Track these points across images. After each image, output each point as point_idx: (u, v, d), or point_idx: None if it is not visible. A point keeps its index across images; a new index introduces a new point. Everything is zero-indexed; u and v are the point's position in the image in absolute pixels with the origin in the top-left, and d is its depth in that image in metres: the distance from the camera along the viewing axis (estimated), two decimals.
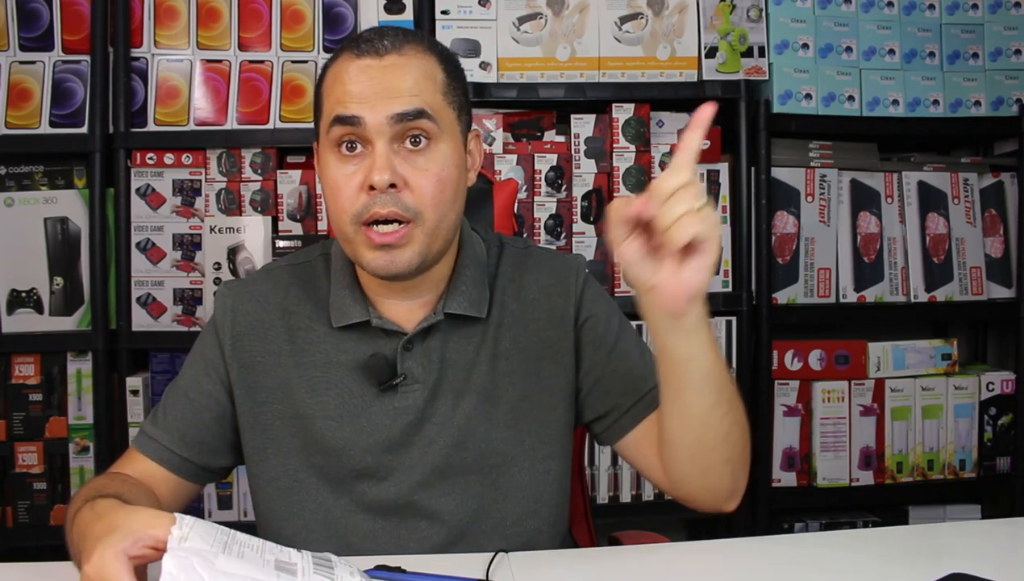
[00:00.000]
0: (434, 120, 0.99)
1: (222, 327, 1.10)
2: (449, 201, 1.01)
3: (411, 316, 1.07)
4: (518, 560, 0.95)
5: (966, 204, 2.17)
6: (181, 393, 1.10)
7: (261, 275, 1.14)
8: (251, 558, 0.76)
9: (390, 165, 0.97)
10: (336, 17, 2.00)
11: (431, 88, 1.00)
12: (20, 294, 1.97)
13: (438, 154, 1.00)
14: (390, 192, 0.97)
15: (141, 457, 1.08)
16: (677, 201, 0.82)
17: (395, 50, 1.00)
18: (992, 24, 2.14)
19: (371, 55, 1.00)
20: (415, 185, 0.98)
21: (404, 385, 1.05)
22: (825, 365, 2.10)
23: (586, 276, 1.13)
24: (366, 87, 0.98)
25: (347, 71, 1.00)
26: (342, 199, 0.99)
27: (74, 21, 1.96)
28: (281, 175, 1.98)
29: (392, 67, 0.99)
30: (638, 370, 1.09)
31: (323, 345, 1.08)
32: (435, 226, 1.00)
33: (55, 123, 1.95)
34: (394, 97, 0.98)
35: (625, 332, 1.12)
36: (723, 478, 1.02)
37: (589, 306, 1.11)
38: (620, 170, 2.02)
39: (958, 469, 2.14)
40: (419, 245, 0.99)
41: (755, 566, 0.97)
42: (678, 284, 0.86)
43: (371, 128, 0.97)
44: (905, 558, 0.97)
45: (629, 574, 0.93)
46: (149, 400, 1.98)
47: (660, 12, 2.02)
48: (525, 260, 1.13)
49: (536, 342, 1.09)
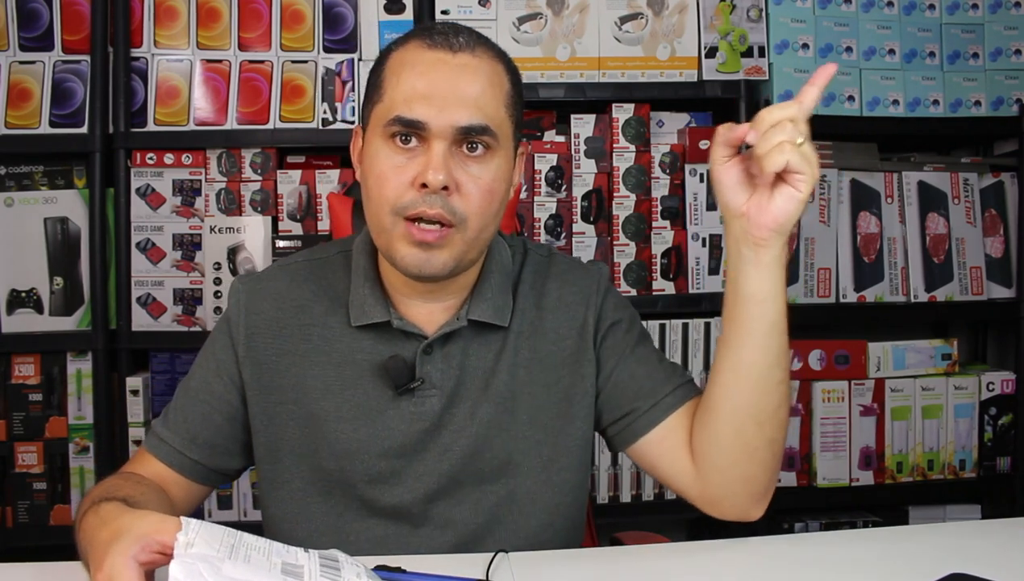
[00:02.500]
0: (495, 135, 0.98)
1: (236, 325, 1.07)
2: (493, 213, 1.00)
3: (433, 319, 1.05)
4: (518, 560, 0.95)
5: (966, 204, 2.17)
6: (192, 394, 1.08)
7: (276, 270, 1.11)
8: (257, 562, 0.76)
9: (447, 167, 0.95)
10: (336, 17, 2.00)
11: (497, 99, 0.99)
12: (20, 294, 1.97)
13: (492, 165, 0.98)
14: (441, 193, 0.95)
15: (152, 458, 1.07)
16: (778, 130, 0.87)
17: (468, 49, 0.99)
18: (992, 24, 2.14)
19: (445, 49, 0.98)
20: (466, 191, 0.97)
21: (421, 390, 1.03)
22: (825, 365, 2.10)
23: (608, 285, 1.12)
24: (436, 84, 0.96)
25: (418, 62, 0.98)
26: (388, 189, 0.97)
27: (74, 21, 1.96)
28: (281, 175, 1.98)
29: (464, 68, 0.97)
30: (657, 374, 1.08)
31: (339, 344, 1.05)
32: (476, 235, 0.98)
33: (55, 123, 1.95)
34: (462, 104, 0.96)
35: (645, 339, 1.12)
36: (764, 466, 1.01)
37: (609, 314, 1.10)
38: (620, 170, 2.02)
39: (958, 469, 2.14)
40: (456, 250, 0.97)
41: (755, 566, 0.97)
42: (767, 212, 0.91)
43: (434, 131, 0.96)
44: (905, 558, 0.97)
45: (629, 574, 0.93)
46: (149, 400, 1.98)
47: (660, 12, 2.02)
48: (548, 268, 1.12)
49: (555, 351, 1.08)
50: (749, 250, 0.94)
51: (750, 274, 0.95)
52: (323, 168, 2.00)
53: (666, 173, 2.04)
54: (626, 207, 2.02)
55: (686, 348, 2.03)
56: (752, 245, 0.94)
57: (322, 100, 1.97)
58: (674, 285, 2.03)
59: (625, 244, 2.02)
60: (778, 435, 1.00)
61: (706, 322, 2.03)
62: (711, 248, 2.05)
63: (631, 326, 1.11)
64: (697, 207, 2.05)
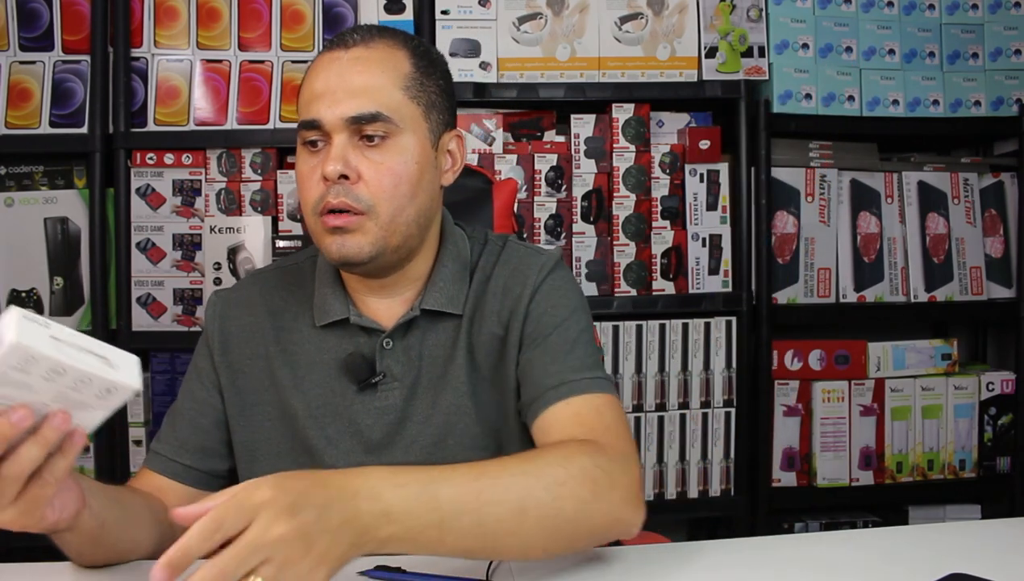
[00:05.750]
0: (390, 120, 1.00)
1: (211, 334, 1.12)
2: (405, 195, 1.01)
3: (391, 314, 1.08)
4: (518, 560, 0.95)
5: (966, 204, 2.17)
6: (179, 407, 1.12)
7: (249, 280, 1.16)
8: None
9: (343, 157, 0.99)
10: (336, 17, 2.00)
11: (391, 83, 1.01)
12: (20, 294, 1.97)
13: (395, 149, 1.01)
14: (343, 183, 0.99)
15: (149, 473, 1.09)
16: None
17: (363, 43, 1.03)
18: (992, 24, 2.14)
19: (339, 48, 1.03)
20: (368, 178, 1.00)
21: (383, 383, 1.05)
22: (825, 365, 2.10)
23: (551, 269, 1.09)
24: (328, 82, 1.01)
25: (316, 66, 1.04)
26: (305, 191, 1.03)
27: (74, 21, 1.96)
28: (281, 175, 1.98)
29: (355, 60, 1.01)
30: (551, 366, 1.03)
31: (306, 344, 1.09)
32: (390, 219, 1.01)
33: (55, 123, 1.95)
34: (351, 95, 1.00)
35: (565, 327, 1.05)
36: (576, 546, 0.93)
37: (540, 299, 1.07)
38: (620, 170, 2.02)
39: (958, 469, 2.14)
40: (372, 236, 1.00)
41: (755, 566, 0.97)
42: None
43: (329, 126, 1.00)
44: (905, 558, 0.97)
45: (629, 574, 0.93)
46: (149, 400, 1.98)
47: (660, 12, 2.02)
48: (500, 254, 1.12)
49: (496, 335, 1.07)
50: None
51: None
52: None
53: (666, 173, 2.04)
54: (626, 207, 2.02)
55: (686, 348, 2.03)
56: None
57: None
58: (674, 285, 2.03)
59: (625, 244, 2.02)
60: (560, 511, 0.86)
61: (706, 322, 2.03)
62: (711, 248, 2.05)
63: (555, 312, 1.06)
64: (697, 207, 2.05)
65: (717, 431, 2.04)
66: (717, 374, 2.04)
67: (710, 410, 2.04)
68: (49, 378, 0.71)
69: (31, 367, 0.70)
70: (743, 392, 2.04)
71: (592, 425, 0.98)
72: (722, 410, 2.04)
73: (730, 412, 2.04)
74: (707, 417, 2.04)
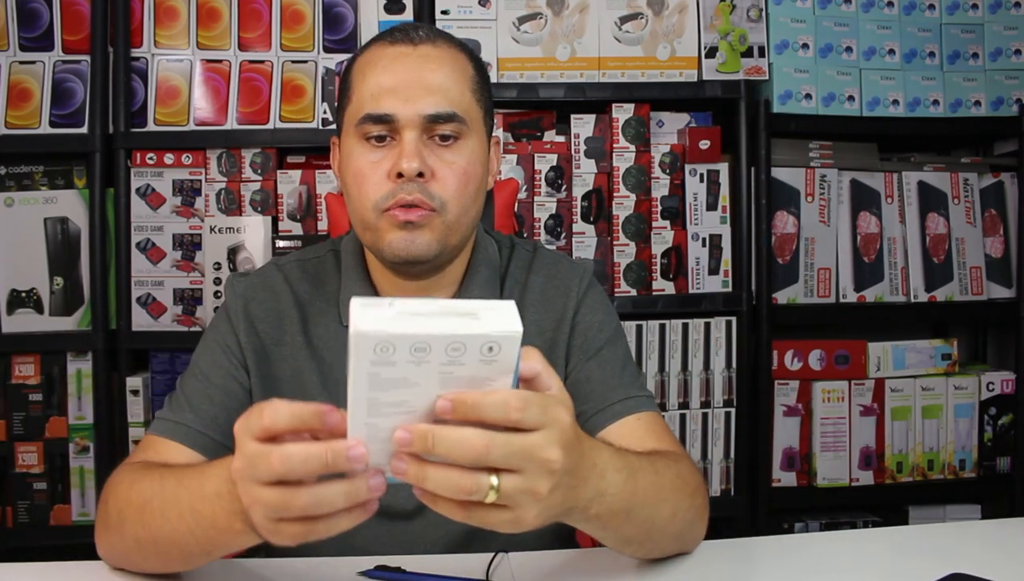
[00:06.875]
0: (463, 121, 1.00)
1: (235, 313, 1.07)
2: (471, 196, 1.02)
3: None
4: (518, 560, 0.95)
5: (966, 204, 2.17)
6: (202, 378, 1.05)
7: (270, 268, 1.12)
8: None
9: (419, 154, 0.97)
10: (336, 17, 2.00)
11: (462, 84, 1.01)
12: (20, 294, 1.97)
13: (465, 150, 1.01)
14: (417, 181, 0.97)
15: (168, 443, 1.00)
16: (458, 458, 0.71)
17: (429, 40, 1.01)
18: (992, 24, 2.14)
19: (406, 43, 1.01)
20: (441, 176, 0.99)
21: None
22: (825, 365, 2.10)
23: (590, 281, 1.12)
24: (400, 77, 0.98)
25: (381, 59, 1.00)
26: (368, 187, 0.99)
27: (74, 21, 1.96)
28: (281, 175, 1.98)
29: (427, 58, 1.00)
30: (612, 380, 1.06)
31: (332, 342, 1.06)
32: (456, 219, 1.00)
33: (55, 123, 1.95)
34: (428, 92, 0.98)
35: (615, 342, 1.10)
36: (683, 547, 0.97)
37: (585, 312, 1.09)
38: (620, 170, 2.02)
39: (958, 469, 2.14)
40: (439, 232, 0.99)
41: (755, 566, 0.97)
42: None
43: (403, 122, 0.98)
44: (905, 558, 0.97)
45: (630, 574, 0.93)
46: (149, 400, 1.98)
47: (660, 12, 2.02)
48: (533, 262, 1.13)
49: (536, 345, 1.07)
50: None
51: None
52: (323, 168, 2.00)
53: (666, 173, 2.04)
54: (626, 207, 2.02)
55: (686, 348, 2.03)
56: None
57: (322, 100, 1.98)
58: (674, 285, 2.03)
59: (625, 244, 2.02)
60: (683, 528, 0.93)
61: (706, 322, 2.03)
62: (711, 248, 2.05)
63: (603, 327, 1.09)
64: (697, 207, 2.05)
65: (717, 431, 2.04)
66: (717, 374, 2.04)
67: (710, 410, 2.04)
68: (416, 360, 0.63)
69: (391, 356, 0.62)
70: (743, 392, 2.04)
71: (670, 441, 1.03)
72: (722, 410, 2.04)
73: (730, 412, 2.04)
74: (707, 417, 2.04)
